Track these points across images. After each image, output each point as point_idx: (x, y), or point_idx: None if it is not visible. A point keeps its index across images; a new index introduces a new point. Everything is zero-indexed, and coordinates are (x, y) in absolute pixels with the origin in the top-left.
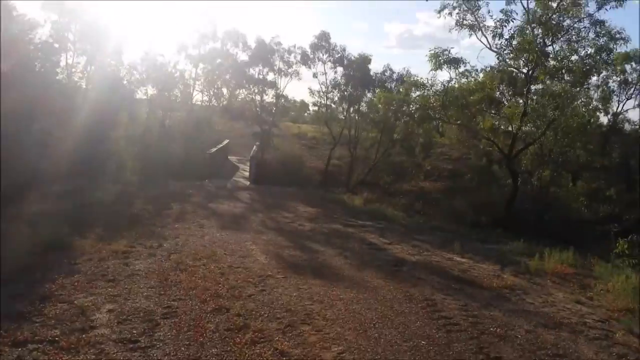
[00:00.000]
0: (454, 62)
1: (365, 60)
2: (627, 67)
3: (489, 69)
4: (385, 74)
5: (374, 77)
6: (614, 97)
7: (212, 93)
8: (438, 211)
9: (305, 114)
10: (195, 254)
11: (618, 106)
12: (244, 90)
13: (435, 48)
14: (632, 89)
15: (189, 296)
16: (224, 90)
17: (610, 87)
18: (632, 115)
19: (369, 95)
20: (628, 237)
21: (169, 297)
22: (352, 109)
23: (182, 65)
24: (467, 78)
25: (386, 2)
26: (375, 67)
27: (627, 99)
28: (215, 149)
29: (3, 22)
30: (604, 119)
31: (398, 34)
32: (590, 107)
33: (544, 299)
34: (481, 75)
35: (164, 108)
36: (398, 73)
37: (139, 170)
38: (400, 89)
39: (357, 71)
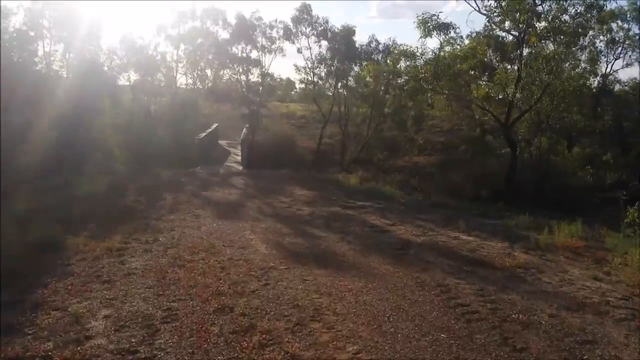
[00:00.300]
0: (444, 27)
1: (349, 31)
2: (614, 25)
3: (474, 34)
4: (371, 45)
5: (359, 50)
6: (602, 57)
7: (195, 75)
8: (435, 186)
9: (293, 92)
10: (193, 247)
11: (606, 67)
12: (228, 70)
13: (423, 14)
14: (620, 48)
15: (189, 295)
16: (208, 72)
17: (597, 47)
18: (622, 75)
19: (356, 68)
20: (635, 205)
21: (168, 297)
22: (340, 84)
23: (162, 47)
24: (452, 45)
25: None
26: (360, 39)
27: (616, 59)
28: (204, 133)
29: None
30: (593, 81)
31: (379, 4)
32: (579, 70)
33: (560, 277)
34: (467, 41)
35: (148, 93)
36: (384, 44)
37: (127, 160)
38: (388, 61)
39: (341, 44)
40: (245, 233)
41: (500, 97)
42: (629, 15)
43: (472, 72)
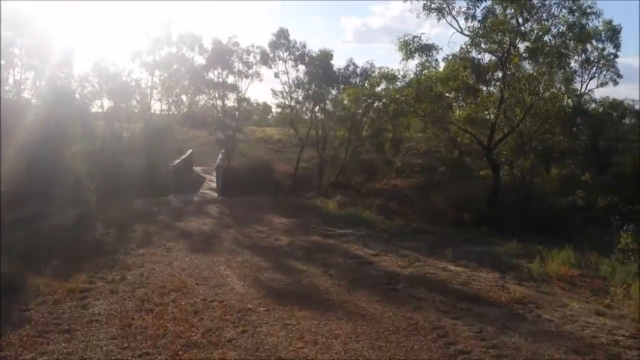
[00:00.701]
0: (426, 49)
1: (326, 56)
2: (588, 46)
3: (450, 57)
4: (349, 69)
5: (337, 74)
6: (576, 77)
7: (171, 101)
8: (415, 210)
9: (269, 117)
10: (163, 286)
11: (581, 87)
12: (204, 95)
13: (404, 35)
14: (595, 68)
15: (157, 348)
16: (184, 98)
17: (572, 67)
18: (597, 95)
19: (334, 92)
20: (626, 229)
21: (133, 351)
22: (317, 108)
23: (137, 74)
24: (427, 69)
25: None
26: (337, 63)
27: (590, 79)
28: (178, 160)
29: None
30: (569, 102)
31: (355, 28)
32: (556, 90)
33: (560, 312)
34: (442, 64)
35: (122, 120)
36: (362, 67)
37: (98, 189)
38: (366, 84)
39: (319, 68)
40: (220, 268)
41: (483, 118)
42: (603, 35)
43: (453, 94)
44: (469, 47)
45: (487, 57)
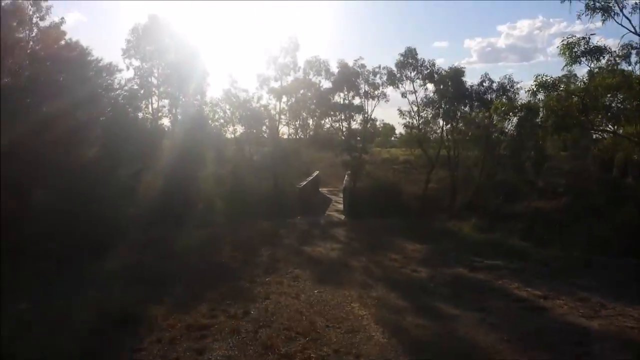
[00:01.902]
0: (595, 52)
1: (457, 72)
2: None
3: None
4: (484, 84)
5: (469, 90)
6: None
7: (297, 125)
8: (568, 237)
9: (393, 138)
10: (289, 328)
11: None
12: (329, 118)
13: (568, 37)
14: None
15: None
16: (310, 121)
17: None
18: None
19: (466, 109)
20: None
21: None
22: (448, 127)
23: (265, 100)
24: (596, 75)
25: (465, 19)
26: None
27: None
28: (305, 182)
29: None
30: None
31: (479, 49)
32: None
33: None
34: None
35: (251, 144)
36: (499, 82)
37: (227, 211)
38: (504, 99)
39: (450, 85)
40: (353, 306)
41: None
42: None
43: (630, 105)
44: None
45: None
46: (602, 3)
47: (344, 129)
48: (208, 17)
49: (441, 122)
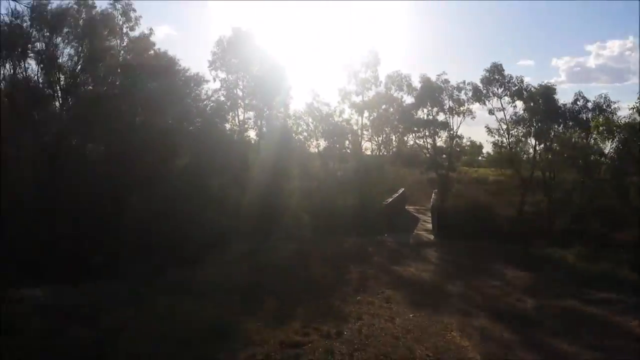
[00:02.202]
0: None
1: (548, 90)
2: None
3: None
4: (578, 103)
5: (562, 109)
6: None
7: (380, 140)
8: None
9: (480, 157)
10: (386, 355)
11: None
12: (413, 135)
13: None
14: None
15: None
16: (393, 137)
17: None
18: None
19: (560, 129)
20: None
21: None
22: (542, 146)
23: (347, 114)
24: None
25: (551, 37)
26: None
27: None
28: (391, 198)
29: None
30: None
31: (568, 68)
32: None
33: None
34: None
35: (335, 159)
36: (594, 102)
37: (313, 226)
38: (600, 119)
39: (541, 103)
40: (454, 335)
41: None
42: None
43: None
44: None
45: None
46: None
47: (429, 146)
48: (288, 28)
49: (533, 141)
